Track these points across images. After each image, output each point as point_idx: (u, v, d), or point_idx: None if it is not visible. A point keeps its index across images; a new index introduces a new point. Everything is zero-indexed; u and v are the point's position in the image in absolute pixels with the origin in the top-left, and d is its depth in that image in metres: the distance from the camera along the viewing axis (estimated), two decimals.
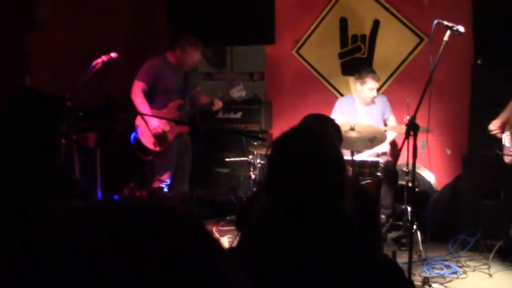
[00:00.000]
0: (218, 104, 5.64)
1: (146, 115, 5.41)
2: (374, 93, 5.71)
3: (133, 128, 5.63)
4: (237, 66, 7.33)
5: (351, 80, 5.87)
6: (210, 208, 5.98)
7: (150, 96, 5.52)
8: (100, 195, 4.92)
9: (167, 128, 5.48)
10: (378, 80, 5.74)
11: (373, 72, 5.71)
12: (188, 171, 5.74)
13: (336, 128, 3.63)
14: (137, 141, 5.58)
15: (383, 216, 5.55)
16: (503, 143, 4.63)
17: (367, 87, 5.67)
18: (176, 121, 5.23)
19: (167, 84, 5.55)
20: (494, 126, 4.62)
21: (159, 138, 5.50)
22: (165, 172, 5.60)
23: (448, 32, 4.03)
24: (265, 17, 6.70)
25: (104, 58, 5.06)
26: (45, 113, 2.16)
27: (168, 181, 5.60)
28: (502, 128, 4.59)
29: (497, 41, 5.40)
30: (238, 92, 5.71)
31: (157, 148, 5.52)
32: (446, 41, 4.01)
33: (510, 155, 4.51)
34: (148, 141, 5.53)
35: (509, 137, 4.57)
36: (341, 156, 1.73)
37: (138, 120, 5.56)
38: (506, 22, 5.37)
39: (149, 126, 5.45)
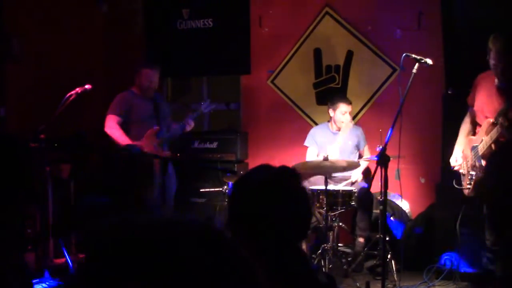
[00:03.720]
0: (190, 125, 5.68)
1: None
2: (347, 116, 5.77)
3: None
4: (213, 96, 7.37)
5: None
6: None
7: (125, 129, 5.52)
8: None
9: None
10: (350, 104, 5.80)
11: (344, 97, 5.83)
12: (171, 201, 5.74)
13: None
14: None
15: (361, 240, 5.56)
16: (461, 175, 4.66)
17: (339, 112, 5.74)
18: (154, 156, 5.25)
19: (140, 113, 5.59)
20: (454, 162, 4.66)
21: None
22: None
23: (417, 64, 4.11)
24: (241, 48, 6.78)
25: (78, 90, 5.09)
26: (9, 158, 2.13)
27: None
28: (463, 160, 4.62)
29: (467, 71, 5.51)
30: (207, 107, 5.80)
31: None
32: (415, 73, 4.09)
33: (467, 188, 4.54)
34: None
35: (465, 169, 4.61)
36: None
37: None
38: (476, 52, 5.47)
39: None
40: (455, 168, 4.64)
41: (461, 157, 4.61)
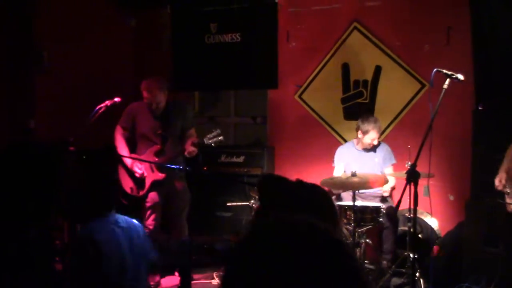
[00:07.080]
0: (190, 152, 5.16)
1: (134, 158, 5.39)
2: (374, 142, 5.76)
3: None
4: (240, 110, 7.39)
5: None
6: (210, 255, 5.97)
7: (133, 142, 5.51)
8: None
9: (145, 174, 5.41)
10: (379, 132, 5.76)
11: (376, 123, 5.73)
12: (183, 218, 5.55)
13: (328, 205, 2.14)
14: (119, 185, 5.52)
15: (384, 262, 5.51)
16: (506, 192, 4.60)
17: (368, 137, 5.70)
18: (167, 166, 5.16)
19: (142, 128, 5.46)
20: (498, 182, 4.60)
21: (138, 182, 5.43)
22: (149, 216, 5.46)
23: (448, 80, 4.07)
24: (269, 62, 6.78)
25: (107, 102, 5.13)
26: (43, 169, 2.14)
27: (151, 227, 5.40)
28: (507, 180, 4.57)
29: (498, 87, 5.44)
30: (212, 138, 5.16)
31: (134, 194, 5.44)
32: (446, 89, 4.04)
33: (511, 204, 4.49)
34: (126, 186, 5.48)
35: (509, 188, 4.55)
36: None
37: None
38: (507, 68, 5.41)
39: (132, 168, 5.41)
40: (498, 189, 4.58)
41: (505, 178, 4.54)
